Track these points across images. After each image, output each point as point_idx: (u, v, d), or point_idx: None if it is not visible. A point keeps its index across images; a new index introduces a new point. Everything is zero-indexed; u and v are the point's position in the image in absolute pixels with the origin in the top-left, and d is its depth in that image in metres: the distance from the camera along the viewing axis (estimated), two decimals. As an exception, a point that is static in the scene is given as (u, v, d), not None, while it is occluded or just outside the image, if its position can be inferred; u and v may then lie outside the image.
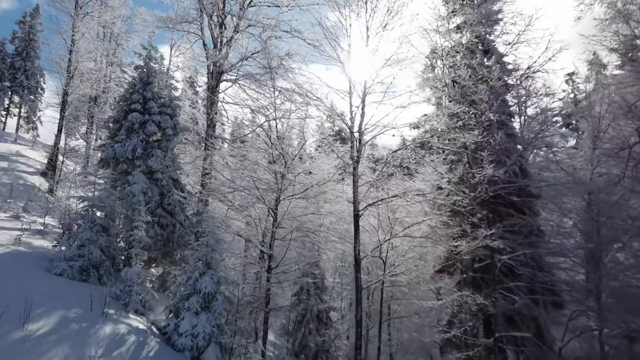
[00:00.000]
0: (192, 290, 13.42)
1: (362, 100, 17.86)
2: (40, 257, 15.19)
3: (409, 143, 17.57)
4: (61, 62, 32.96)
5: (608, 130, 21.14)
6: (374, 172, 18.64)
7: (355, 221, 17.37)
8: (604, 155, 20.15)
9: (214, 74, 24.34)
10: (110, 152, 19.47)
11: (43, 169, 32.05)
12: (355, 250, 16.98)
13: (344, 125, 18.37)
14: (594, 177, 19.01)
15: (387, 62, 17.16)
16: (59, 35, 31.59)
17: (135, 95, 20.39)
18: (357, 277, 16.79)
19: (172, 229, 19.63)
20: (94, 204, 15.66)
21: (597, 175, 19.50)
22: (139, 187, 18.65)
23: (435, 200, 17.12)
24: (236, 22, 24.30)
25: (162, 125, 20.42)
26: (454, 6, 20.32)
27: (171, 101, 21.33)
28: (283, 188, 17.65)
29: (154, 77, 21.12)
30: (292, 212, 18.60)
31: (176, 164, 21.21)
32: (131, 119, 19.81)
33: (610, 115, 20.89)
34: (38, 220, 21.35)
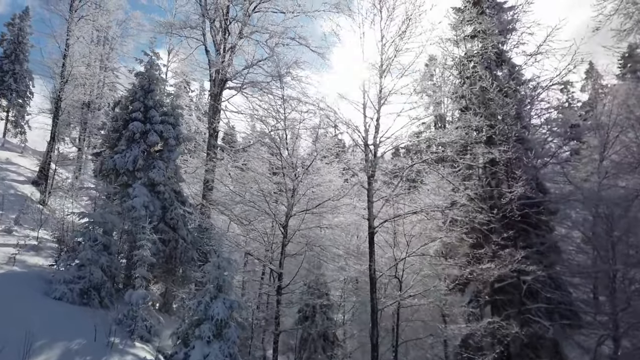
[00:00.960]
0: (203, 316, 12.46)
1: (377, 111, 17.12)
2: (37, 277, 14.20)
3: (425, 157, 16.79)
4: (54, 66, 31.85)
5: (616, 142, 20.70)
6: (386, 185, 17.83)
7: (370, 239, 16.57)
8: (614, 167, 19.68)
9: (217, 82, 23.44)
10: (110, 164, 18.45)
11: (34, 178, 30.81)
12: (370, 269, 16.15)
13: (357, 137, 17.56)
14: (602, 189, 18.60)
15: (405, 71, 16.42)
16: (53, 39, 30.35)
17: (136, 104, 19.41)
18: (373, 297, 15.95)
19: (174, 244, 18.65)
20: (95, 220, 14.66)
21: (606, 188, 19.06)
22: (140, 201, 17.66)
23: (453, 217, 16.35)
24: (240, 27, 23.45)
25: (164, 135, 19.46)
26: (466, 15, 19.59)
27: (173, 109, 20.39)
28: (294, 202, 16.76)
29: (155, 85, 20.17)
30: (301, 227, 17.75)
31: (179, 176, 20.23)
32: (132, 129, 18.83)
33: (618, 127, 20.42)
34: (31, 234, 20.27)
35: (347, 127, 17.55)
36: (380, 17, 17.65)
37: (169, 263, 18.44)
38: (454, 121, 18.60)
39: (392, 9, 17.00)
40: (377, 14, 17.70)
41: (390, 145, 17.35)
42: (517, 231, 16.47)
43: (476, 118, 16.39)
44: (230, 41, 23.52)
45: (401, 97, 17.26)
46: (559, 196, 17.75)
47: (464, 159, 16.16)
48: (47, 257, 17.61)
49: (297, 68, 21.31)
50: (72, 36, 29.35)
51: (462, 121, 16.69)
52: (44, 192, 27.32)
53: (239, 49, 23.49)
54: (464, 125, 16.42)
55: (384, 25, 17.53)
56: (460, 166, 17.48)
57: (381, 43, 17.48)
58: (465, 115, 17.17)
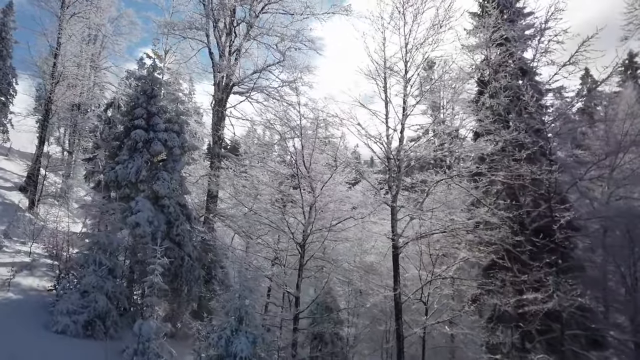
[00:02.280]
0: (224, 353, 11.23)
1: (400, 122, 16.01)
2: (35, 305, 12.88)
3: (454, 173, 15.69)
4: (44, 65, 30.23)
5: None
6: (409, 201, 16.72)
7: (395, 259, 15.45)
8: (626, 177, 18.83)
9: (221, 86, 22.11)
10: (111, 175, 17.05)
11: (22, 184, 29.09)
12: (395, 292, 15.01)
13: (379, 149, 16.44)
14: (612, 200, 17.80)
15: (434, 81, 15.34)
16: (43, 36, 28.78)
17: (139, 110, 18.05)
18: (399, 324, 14.81)
19: (179, 262, 17.32)
20: (98, 240, 13.31)
21: (616, 199, 18.25)
22: (144, 216, 16.31)
23: (484, 237, 15.29)
24: (247, 29, 22.16)
25: (168, 144, 18.15)
26: (492, 21, 18.52)
27: (178, 116, 19.09)
28: (314, 220, 15.58)
29: (158, 89, 18.84)
30: (317, 244, 16.61)
31: (184, 188, 18.90)
32: (134, 137, 17.48)
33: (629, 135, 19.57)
34: (22, 249, 18.82)
35: (368, 139, 16.42)
36: (404, 21, 16.58)
37: (175, 282, 17.09)
38: (480, 134, 17.45)
39: (419, 14, 15.88)
40: (400, 18, 16.64)
41: (414, 159, 16.21)
42: (545, 252, 15.48)
43: (512, 132, 15.35)
44: (236, 43, 22.22)
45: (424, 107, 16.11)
46: (587, 214, 16.78)
47: (496, 175, 15.09)
48: (42, 277, 16.23)
49: (309, 73, 20.10)
50: (64, 34, 27.77)
51: (495, 135, 15.61)
52: (33, 200, 25.67)
53: (245, 52, 22.21)
54: (498, 139, 15.36)
55: (408, 30, 16.46)
56: (480, 182, 16.40)
57: (405, 49, 16.40)
58: (496, 129, 16.10)
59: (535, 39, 18.61)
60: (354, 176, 19.08)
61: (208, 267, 20.02)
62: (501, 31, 18.03)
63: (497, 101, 16.84)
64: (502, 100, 17.33)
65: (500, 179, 15.21)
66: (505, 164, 15.42)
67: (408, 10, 16.43)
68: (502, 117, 17.30)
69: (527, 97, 14.65)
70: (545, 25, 16.66)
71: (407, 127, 16.06)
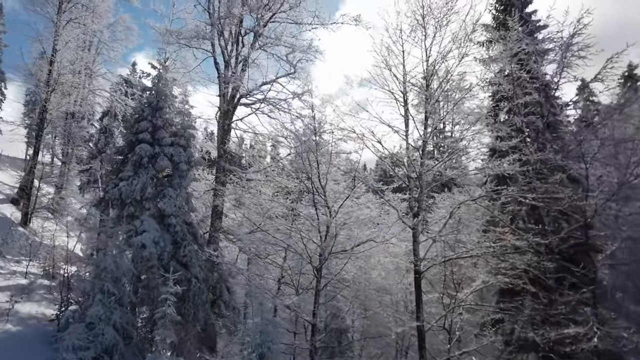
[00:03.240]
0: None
1: (422, 140, 15.29)
2: (37, 337, 12.01)
3: (478, 194, 14.94)
4: (39, 72, 29.07)
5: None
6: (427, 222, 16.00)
7: (417, 284, 14.64)
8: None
9: (227, 97, 21.21)
10: (115, 193, 16.08)
11: (13, 196, 27.92)
12: (418, 319, 14.19)
13: (400, 169, 15.68)
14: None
15: (462, 98, 14.63)
16: (38, 42, 27.68)
17: (144, 123, 17.13)
18: (423, 355, 13.99)
19: (187, 284, 16.30)
20: (105, 267, 12.35)
21: (628, 214, 17.69)
22: (150, 237, 15.38)
23: (511, 262, 14.56)
24: (253, 39, 21.33)
25: (174, 159, 17.24)
26: (514, 34, 17.87)
27: (184, 129, 18.17)
28: (333, 243, 14.74)
29: (164, 102, 17.92)
30: (335, 268, 15.78)
31: (190, 205, 17.96)
32: (139, 152, 16.55)
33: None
34: (18, 269, 17.76)
35: (388, 157, 15.67)
36: (424, 33, 15.90)
37: (182, 307, 16.05)
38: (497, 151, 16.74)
39: (443, 26, 15.20)
40: (420, 30, 15.97)
41: (436, 179, 15.47)
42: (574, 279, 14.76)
43: (547, 152, 14.71)
44: (243, 53, 21.36)
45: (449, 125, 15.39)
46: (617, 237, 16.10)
47: (527, 197, 14.36)
48: (40, 302, 15.22)
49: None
50: (60, 41, 26.73)
51: (522, 153, 14.92)
52: (27, 213, 24.50)
53: (252, 63, 21.36)
54: (525, 158, 14.70)
55: (429, 43, 15.78)
56: (497, 203, 15.63)
57: (427, 63, 15.71)
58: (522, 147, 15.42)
59: (556, 53, 18.10)
60: (364, 190, 18.28)
61: (213, 288, 19.09)
62: (523, 45, 17.42)
63: (522, 119, 16.21)
64: (525, 118, 16.77)
65: (530, 200, 14.45)
66: (533, 185, 14.72)
67: (429, 23, 15.80)
68: (523, 134, 16.66)
69: (561, 116, 13.96)
70: (571, 40, 16.07)
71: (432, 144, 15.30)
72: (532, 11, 21.68)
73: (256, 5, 21.10)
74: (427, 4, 15.63)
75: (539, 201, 14.31)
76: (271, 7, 20.91)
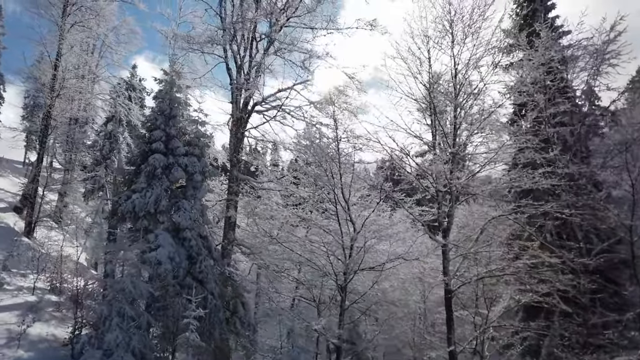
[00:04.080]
0: None
1: (451, 152, 14.57)
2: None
3: (510, 209, 14.21)
4: (42, 76, 28.30)
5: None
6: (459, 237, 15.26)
7: (448, 304, 13.92)
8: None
9: (239, 104, 20.47)
10: (128, 205, 15.31)
11: (16, 203, 27.12)
12: (449, 342, 13.45)
13: (427, 182, 14.96)
14: None
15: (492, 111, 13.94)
16: (42, 46, 26.92)
17: (157, 132, 16.40)
18: (456, 381, 13.28)
19: (202, 302, 15.47)
20: (124, 288, 11.60)
21: None
22: (165, 252, 14.61)
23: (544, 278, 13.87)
24: (268, 45, 20.62)
25: (188, 170, 16.51)
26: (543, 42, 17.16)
27: (198, 138, 17.42)
28: (361, 259, 14.03)
29: (177, 109, 17.20)
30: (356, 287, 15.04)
31: (205, 218, 17.19)
32: (153, 162, 15.81)
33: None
34: (24, 284, 17.01)
35: (413, 169, 14.96)
36: (451, 39, 15.21)
37: (197, 326, 15.34)
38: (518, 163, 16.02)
39: (475, 32, 14.52)
40: (448, 36, 15.29)
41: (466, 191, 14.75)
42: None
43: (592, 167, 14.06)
44: (257, 59, 20.62)
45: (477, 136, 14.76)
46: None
47: (564, 214, 13.67)
48: (49, 321, 14.45)
49: (344, 96, 18.48)
50: (65, 44, 25.99)
51: (560, 166, 14.22)
52: (30, 222, 23.68)
53: (266, 69, 20.61)
54: (561, 172, 14.01)
55: (457, 51, 15.09)
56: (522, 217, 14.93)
57: (454, 71, 15.02)
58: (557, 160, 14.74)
59: (587, 61, 17.45)
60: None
61: (228, 303, 18.32)
62: (552, 52, 16.76)
63: (553, 129, 15.56)
64: (556, 128, 16.16)
65: (566, 216, 13.76)
66: (571, 200, 14.05)
67: (457, 28, 15.12)
68: (553, 145, 16.02)
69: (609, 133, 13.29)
70: (606, 47, 15.43)
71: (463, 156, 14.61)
72: (555, 16, 21.10)
73: (271, 9, 20.40)
74: (456, 10, 14.98)
75: (576, 216, 13.62)
76: (286, 11, 20.19)
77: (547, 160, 14.29)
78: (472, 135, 14.28)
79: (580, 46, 18.43)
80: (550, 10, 20.94)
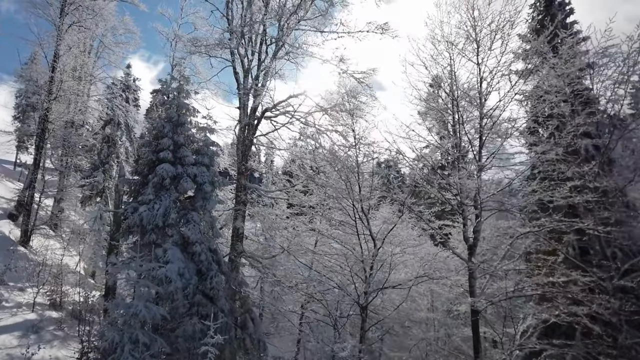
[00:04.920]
0: None
1: (477, 164, 13.90)
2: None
3: (540, 224, 13.53)
4: (39, 77, 27.39)
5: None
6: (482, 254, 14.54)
7: (475, 327, 13.24)
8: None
9: (247, 110, 19.66)
10: (135, 219, 14.50)
11: (11, 210, 26.11)
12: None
13: (450, 194, 14.27)
14: None
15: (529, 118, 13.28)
16: (39, 47, 25.96)
17: (165, 140, 15.57)
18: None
19: (213, 320, 14.76)
20: (137, 313, 10.78)
21: None
22: (175, 269, 13.79)
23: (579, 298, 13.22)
24: (277, 49, 19.82)
25: (198, 180, 15.72)
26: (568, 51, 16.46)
27: (207, 146, 16.63)
28: (382, 279, 13.32)
29: (185, 116, 16.40)
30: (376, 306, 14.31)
31: (215, 230, 16.40)
32: (161, 173, 14.98)
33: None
34: (23, 300, 16.13)
35: (436, 181, 14.27)
36: (476, 45, 14.55)
37: (208, 346, 14.55)
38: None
39: (504, 39, 13.86)
40: (472, 42, 14.64)
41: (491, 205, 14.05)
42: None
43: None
44: (266, 63, 19.84)
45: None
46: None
47: (597, 231, 13.02)
48: (51, 342, 13.58)
49: (356, 101, 17.76)
50: (63, 45, 25.05)
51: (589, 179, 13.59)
52: (26, 231, 22.71)
53: (275, 74, 19.83)
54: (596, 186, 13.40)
55: (481, 58, 14.43)
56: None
57: (480, 77, 14.38)
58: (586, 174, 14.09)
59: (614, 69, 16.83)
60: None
61: (236, 319, 17.53)
62: (577, 61, 16.13)
63: (585, 142, 14.95)
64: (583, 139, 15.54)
65: (600, 233, 13.12)
66: (604, 215, 13.41)
67: (482, 33, 14.47)
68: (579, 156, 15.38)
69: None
70: (638, 57, 14.79)
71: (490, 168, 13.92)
72: (573, 21, 20.49)
73: (280, 11, 19.62)
74: (482, 16, 14.32)
75: (610, 233, 12.99)
76: (297, 13, 19.44)
77: (579, 174, 13.62)
78: (501, 146, 13.59)
79: (606, 54, 17.85)
80: (569, 15, 20.33)
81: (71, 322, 15.92)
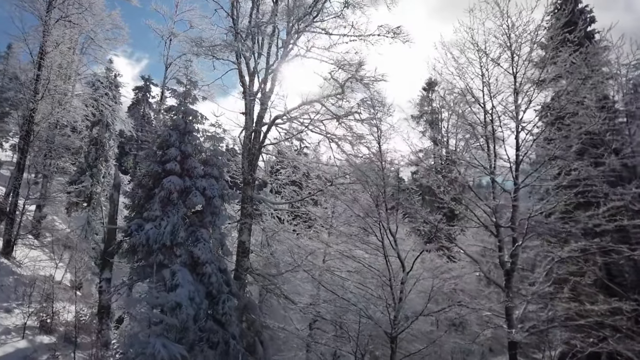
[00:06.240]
0: None
1: (514, 183, 12.97)
2: None
3: (581, 246, 12.67)
4: (22, 75, 25.62)
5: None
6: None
7: (512, 355, 12.29)
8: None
9: (252, 116, 18.42)
10: (141, 237, 13.19)
11: (-10, 217, 24.28)
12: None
13: (482, 213, 13.31)
14: None
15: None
16: (24, 43, 24.22)
17: (172, 151, 14.29)
18: None
19: (224, 347, 13.55)
20: (153, 353, 9.52)
21: None
22: (185, 293, 12.56)
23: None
24: (287, 52, 18.62)
25: (207, 193, 14.47)
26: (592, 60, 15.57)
27: (216, 157, 15.40)
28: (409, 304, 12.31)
29: (192, 124, 15.14)
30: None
31: (225, 249, 15.17)
32: (168, 186, 13.71)
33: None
34: (9, 323, 14.66)
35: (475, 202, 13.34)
36: (509, 52, 13.61)
37: (218, 376, 13.35)
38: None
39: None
40: (505, 50, 13.71)
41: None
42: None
43: None
44: (275, 66, 18.62)
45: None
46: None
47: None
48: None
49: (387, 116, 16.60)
50: (50, 41, 23.37)
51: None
52: (9, 240, 21.00)
53: (284, 79, 18.71)
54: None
55: (518, 68, 13.51)
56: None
57: (515, 89, 13.44)
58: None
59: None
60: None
61: (245, 343, 16.35)
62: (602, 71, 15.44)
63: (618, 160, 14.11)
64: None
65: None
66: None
67: (519, 43, 13.54)
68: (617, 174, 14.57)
69: None
70: None
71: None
72: (593, 30, 19.81)
73: (289, 12, 18.43)
74: (519, 22, 13.39)
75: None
76: (309, 14, 18.27)
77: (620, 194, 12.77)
78: (543, 164, 12.69)
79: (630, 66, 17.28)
80: (590, 24, 19.66)
81: (64, 348, 14.52)
